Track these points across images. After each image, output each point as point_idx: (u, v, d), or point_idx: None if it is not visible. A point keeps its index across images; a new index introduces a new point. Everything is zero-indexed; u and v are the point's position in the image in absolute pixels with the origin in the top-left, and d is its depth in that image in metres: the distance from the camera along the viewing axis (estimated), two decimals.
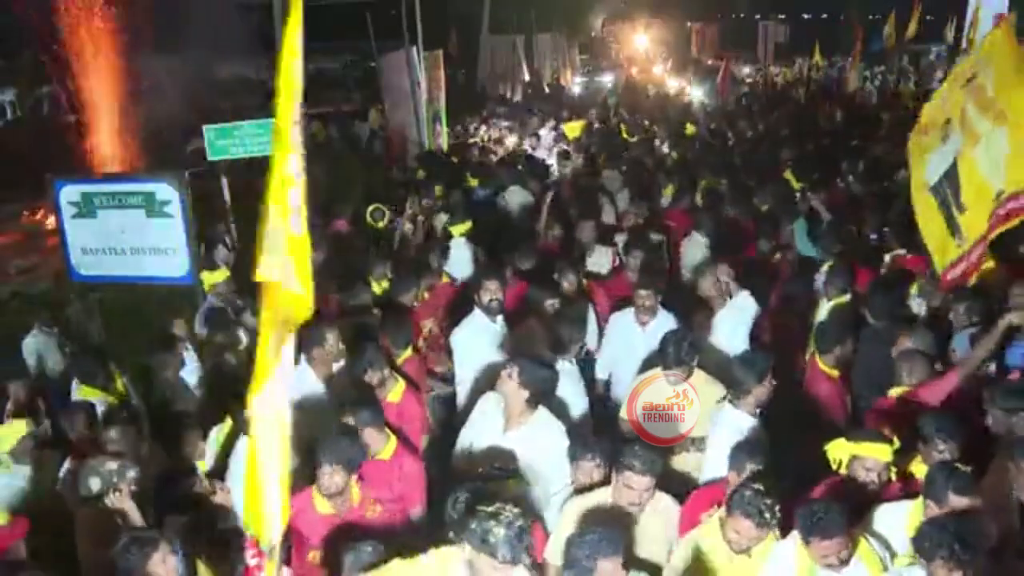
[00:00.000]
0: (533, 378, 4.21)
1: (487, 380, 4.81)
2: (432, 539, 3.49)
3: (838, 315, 5.58)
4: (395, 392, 4.82)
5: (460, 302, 6.15)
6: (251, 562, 2.86)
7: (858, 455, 3.76)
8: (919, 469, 3.88)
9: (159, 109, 13.80)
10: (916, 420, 4.03)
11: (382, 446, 4.23)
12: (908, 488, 3.85)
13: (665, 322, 5.40)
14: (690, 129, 14.43)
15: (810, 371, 5.08)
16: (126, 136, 12.88)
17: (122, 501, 3.93)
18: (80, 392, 5.27)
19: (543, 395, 4.32)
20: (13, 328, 7.06)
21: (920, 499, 3.53)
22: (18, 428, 4.66)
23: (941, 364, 4.76)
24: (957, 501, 3.34)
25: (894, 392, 4.60)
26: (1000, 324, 4.53)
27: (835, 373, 4.98)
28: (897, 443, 3.76)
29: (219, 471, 4.54)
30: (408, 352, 5.30)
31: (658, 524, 3.84)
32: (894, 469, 3.81)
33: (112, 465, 4.00)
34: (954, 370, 4.57)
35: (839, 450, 3.82)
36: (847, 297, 5.80)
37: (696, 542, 3.62)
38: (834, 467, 3.85)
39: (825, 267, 6.35)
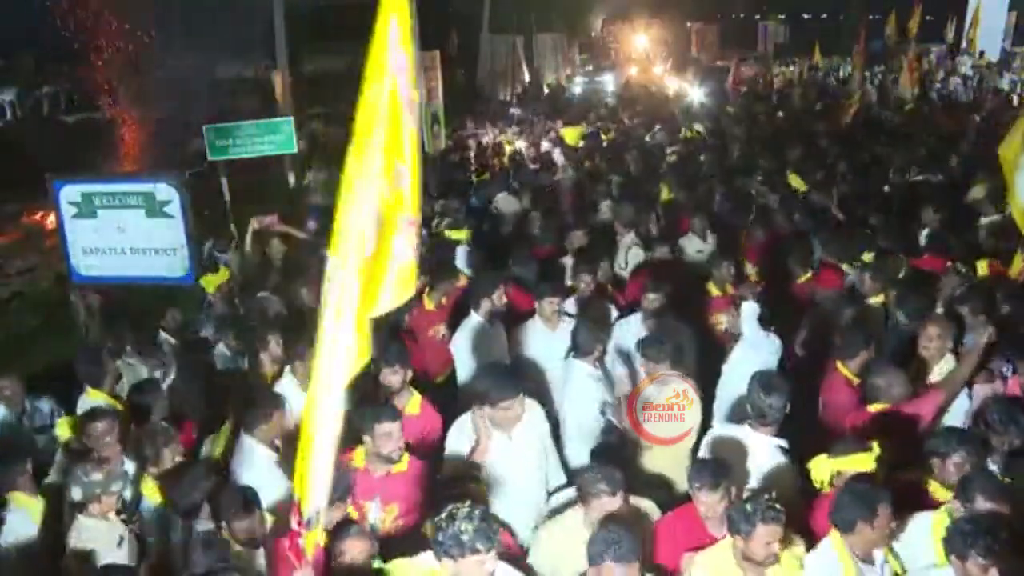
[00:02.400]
0: (501, 394, 4.17)
1: None
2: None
3: (864, 319, 5.43)
4: (413, 404, 4.74)
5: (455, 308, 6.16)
6: (294, 527, 2.87)
7: (841, 470, 3.71)
8: (932, 487, 3.82)
9: (161, 109, 13.82)
10: (905, 433, 4.02)
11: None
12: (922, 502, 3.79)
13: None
14: (692, 132, 14.37)
15: (829, 376, 4.89)
16: (131, 136, 12.90)
17: (104, 513, 3.89)
18: (88, 396, 5.17)
19: (520, 390, 4.29)
20: (13, 328, 7.06)
21: (943, 509, 3.54)
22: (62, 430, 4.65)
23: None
24: (983, 505, 3.35)
25: (873, 408, 4.42)
26: (980, 341, 4.45)
27: (856, 380, 4.76)
28: (878, 449, 3.70)
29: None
30: None
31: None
32: (879, 475, 3.69)
33: (97, 476, 3.90)
34: (938, 389, 4.48)
35: (821, 468, 3.77)
36: (882, 297, 5.69)
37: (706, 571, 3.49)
38: (817, 486, 3.80)
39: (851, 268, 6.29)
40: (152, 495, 4.20)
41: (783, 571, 3.40)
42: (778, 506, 3.30)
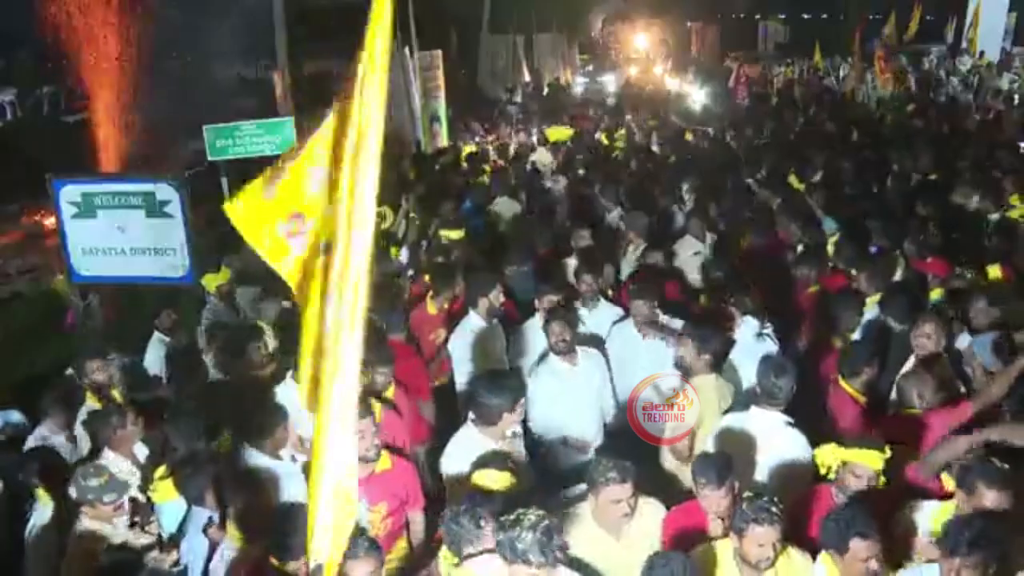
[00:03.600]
0: (519, 395, 4.24)
1: None
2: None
3: (867, 333, 5.40)
4: (384, 460, 4.47)
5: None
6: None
7: (848, 461, 3.72)
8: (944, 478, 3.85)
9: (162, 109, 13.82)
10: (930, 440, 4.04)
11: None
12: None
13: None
14: (689, 135, 14.32)
15: (835, 393, 4.83)
16: (131, 136, 12.88)
17: (101, 518, 3.87)
18: (89, 401, 5.15)
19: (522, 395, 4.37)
20: (13, 328, 7.06)
21: (949, 502, 3.55)
22: None
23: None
24: (988, 494, 3.37)
25: (905, 412, 4.45)
26: (1018, 362, 4.24)
27: (862, 399, 4.69)
28: (889, 452, 3.70)
29: None
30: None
31: (646, 531, 3.78)
32: (883, 479, 3.72)
33: (93, 482, 3.86)
34: (968, 401, 4.35)
35: (829, 456, 3.78)
36: (878, 296, 5.64)
37: (706, 564, 3.49)
38: (823, 472, 3.81)
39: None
40: (164, 496, 4.15)
41: None
42: (775, 509, 3.28)
